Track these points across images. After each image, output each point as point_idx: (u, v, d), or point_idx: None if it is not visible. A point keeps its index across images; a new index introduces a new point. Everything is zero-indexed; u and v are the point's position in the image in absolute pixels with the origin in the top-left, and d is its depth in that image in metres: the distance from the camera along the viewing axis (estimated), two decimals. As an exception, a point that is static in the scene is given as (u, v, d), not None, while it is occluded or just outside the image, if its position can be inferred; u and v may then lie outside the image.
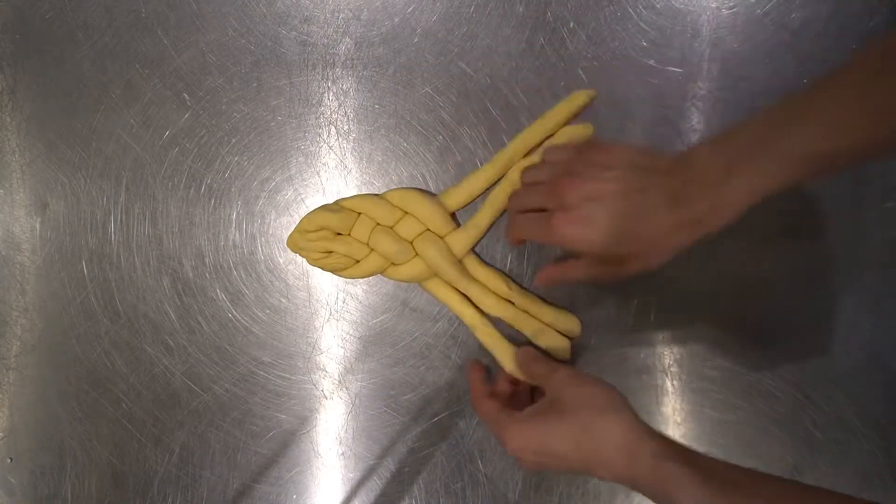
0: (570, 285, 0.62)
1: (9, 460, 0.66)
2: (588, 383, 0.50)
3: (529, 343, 0.61)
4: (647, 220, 0.45)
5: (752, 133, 0.42)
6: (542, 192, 0.51)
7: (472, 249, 0.61)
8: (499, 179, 0.60)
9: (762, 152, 0.41)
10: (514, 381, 0.59)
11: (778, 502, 0.43)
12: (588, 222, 0.47)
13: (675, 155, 0.46)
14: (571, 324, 0.61)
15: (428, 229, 0.60)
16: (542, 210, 0.50)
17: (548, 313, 0.60)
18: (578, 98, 0.59)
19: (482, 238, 0.61)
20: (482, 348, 0.62)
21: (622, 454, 0.45)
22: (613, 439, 0.46)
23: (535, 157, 0.59)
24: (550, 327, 0.60)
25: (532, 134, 0.59)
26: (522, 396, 0.59)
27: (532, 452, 0.48)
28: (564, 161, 0.52)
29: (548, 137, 0.59)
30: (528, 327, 0.60)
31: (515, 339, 0.61)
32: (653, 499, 0.45)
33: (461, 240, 0.59)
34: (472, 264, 0.60)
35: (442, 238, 0.60)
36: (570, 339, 0.61)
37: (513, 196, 0.56)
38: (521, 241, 0.60)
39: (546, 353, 0.60)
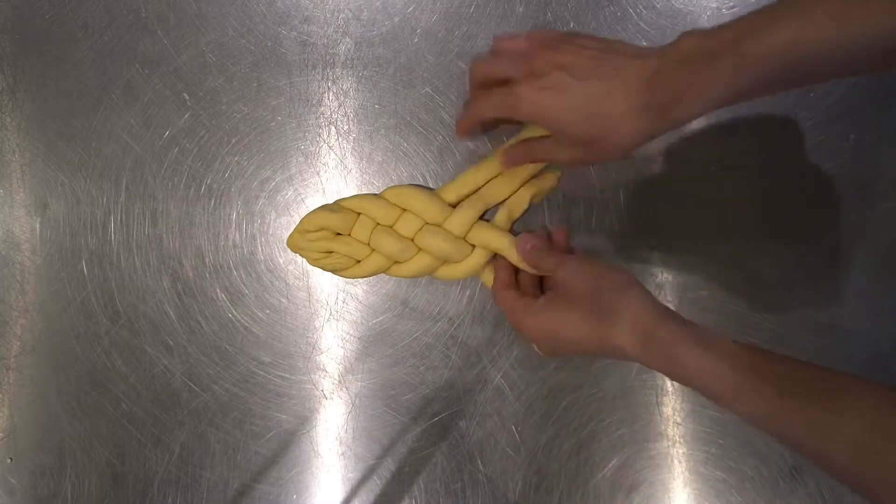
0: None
1: (9, 460, 0.66)
2: (597, 268, 0.50)
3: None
4: (617, 97, 0.43)
5: (743, 22, 0.40)
6: (512, 58, 0.48)
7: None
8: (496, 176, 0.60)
9: (747, 38, 0.39)
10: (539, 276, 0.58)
11: (795, 385, 0.40)
12: (557, 91, 0.45)
13: (665, 45, 0.44)
14: None
15: (427, 223, 0.59)
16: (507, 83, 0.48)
17: None
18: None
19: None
20: (483, 345, 0.62)
21: (634, 338, 0.45)
22: (625, 324, 0.45)
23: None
24: None
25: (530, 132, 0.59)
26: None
27: (548, 339, 0.50)
28: (542, 37, 0.49)
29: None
30: None
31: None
32: (668, 372, 0.44)
33: (459, 220, 0.59)
34: (482, 233, 0.59)
35: (440, 225, 0.59)
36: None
37: (475, 64, 0.51)
38: (471, 130, 0.54)
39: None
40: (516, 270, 0.58)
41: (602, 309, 0.47)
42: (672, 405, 0.62)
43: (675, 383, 0.62)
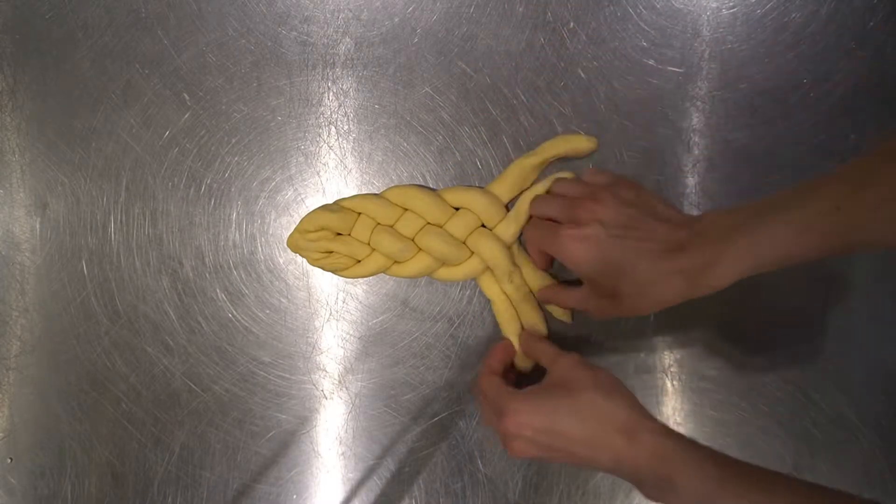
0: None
1: (9, 460, 0.66)
2: (594, 369, 0.50)
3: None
4: (647, 261, 0.48)
5: (762, 204, 0.45)
6: (560, 202, 0.54)
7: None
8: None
9: (765, 220, 0.44)
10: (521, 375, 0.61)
11: (773, 494, 0.44)
12: (590, 243, 0.49)
13: (691, 215, 0.49)
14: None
15: (428, 223, 0.59)
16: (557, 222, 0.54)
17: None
18: (579, 142, 0.59)
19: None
20: (483, 345, 0.62)
21: (624, 434, 0.46)
22: (617, 419, 0.47)
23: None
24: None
25: (533, 159, 0.59)
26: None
27: (534, 430, 0.48)
28: (596, 184, 0.54)
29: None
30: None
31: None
32: (654, 486, 0.46)
33: (460, 223, 0.59)
34: (480, 240, 0.60)
35: (442, 227, 0.59)
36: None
37: (534, 200, 0.58)
38: (542, 255, 0.59)
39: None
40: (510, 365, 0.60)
41: (595, 406, 0.48)
42: (672, 405, 0.62)
43: (675, 383, 0.62)
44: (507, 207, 0.60)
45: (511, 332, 0.60)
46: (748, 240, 0.44)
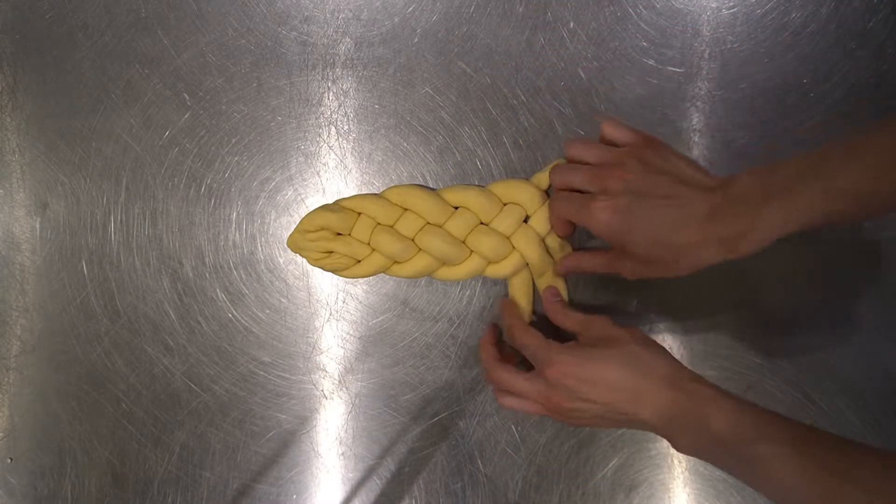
0: (570, 283, 0.62)
1: (9, 460, 0.66)
2: (628, 326, 0.51)
3: None
4: (681, 228, 0.47)
5: (795, 166, 0.44)
6: (587, 173, 0.52)
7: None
8: None
9: (801, 184, 0.43)
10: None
11: (804, 444, 0.44)
12: (628, 214, 0.48)
13: (721, 177, 0.48)
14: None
15: (428, 223, 0.59)
16: (582, 192, 0.52)
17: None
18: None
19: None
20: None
21: (667, 383, 0.47)
22: (661, 369, 0.48)
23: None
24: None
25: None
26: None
27: (578, 379, 0.49)
28: (617, 143, 0.53)
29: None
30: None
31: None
32: (690, 436, 0.47)
33: (461, 223, 0.59)
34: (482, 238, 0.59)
35: (441, 226, 0.59)
36: None
37: (555, 170, 0.56)
38: (566, 224, 0.57)
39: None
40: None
41: (638, 357, 0.49)
42: (672, 405, 0.62)
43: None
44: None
45: (525, 314, 0.61)
46: (785, 204, 0.43)
